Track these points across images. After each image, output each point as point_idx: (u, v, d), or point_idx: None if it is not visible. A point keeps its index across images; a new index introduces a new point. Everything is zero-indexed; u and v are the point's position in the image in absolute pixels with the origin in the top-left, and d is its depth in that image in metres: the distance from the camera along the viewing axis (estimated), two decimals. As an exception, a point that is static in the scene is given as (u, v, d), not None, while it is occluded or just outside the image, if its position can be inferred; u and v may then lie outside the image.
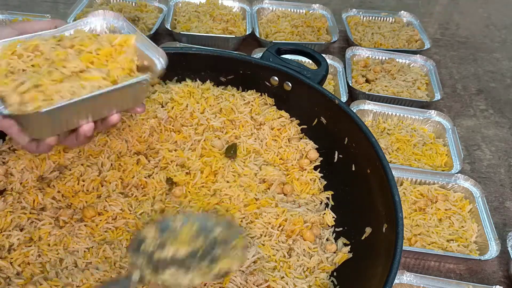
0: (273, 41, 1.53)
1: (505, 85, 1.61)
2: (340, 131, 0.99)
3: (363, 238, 0.86)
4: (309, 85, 1.02)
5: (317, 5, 1.75)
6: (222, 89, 1.13)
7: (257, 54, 1.45)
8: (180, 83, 1.12)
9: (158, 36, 1.59)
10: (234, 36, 1.52)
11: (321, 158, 1.03)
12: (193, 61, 1.11)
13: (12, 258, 0.79)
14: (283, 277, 0.83)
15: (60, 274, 0.78)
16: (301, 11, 1.74)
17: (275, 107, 1.10)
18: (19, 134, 0.72)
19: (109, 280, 0.78)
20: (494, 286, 0.93)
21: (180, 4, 1.67)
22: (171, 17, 1.58)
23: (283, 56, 1.09)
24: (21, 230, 0.83)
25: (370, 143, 0.89)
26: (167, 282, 0.72)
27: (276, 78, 1.07)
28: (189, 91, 1.09)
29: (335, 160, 1.00)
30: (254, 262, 0.84)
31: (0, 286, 0.76)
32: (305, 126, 1.07)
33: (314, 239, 0.90)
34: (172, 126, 1.03)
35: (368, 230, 0.86)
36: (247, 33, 1.54)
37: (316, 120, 1.05)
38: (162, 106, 1.06)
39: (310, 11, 1.73)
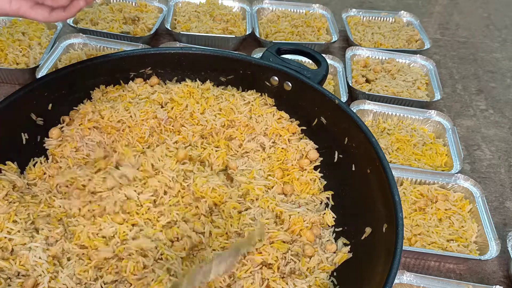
0: (273, 41, 1.53)
1: (505, 85, 1.61)
2: (340, 131, 0.98)
3: (363, 238, 0.86)
4: (309, 85, 1.02)
5: (317, 5, 1.75)
6: (222, 89, 1.13)
7: (257, 54, 1.45)
8: (180, 83, 1.12)
9: (158, 36, 1.59)
10: (234, 36, 1.52)
11: (321, 158, 1.03)
12: (193, 61, 1.11)
13: (13, 260, 0.79)
14: (283, 277, 0.83)
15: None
16: (301, 11, 1.73)
17: (275, 107, 1.10)
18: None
19: None
20: (494, 286, 0.93)
21: (180, 4, 1.67)
22: (171, 17, 1.58)
23: (283, 56, 1.09)
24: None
25: (370, 143, 0.89)
26: None
27: (276, 78, 1.07)
28: (189, 91, 1.09)
29: (335, 160, 1.00)
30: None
31: (0, 286, 0.76)
32: (304, 128, 1.07)
33: (314, 239, 0.90)
34: (172, 126, 1.03)
35: (368, 230, 0.86)
36: (247, 33, 1.54)
37: (316, 120, 1.05)
38: (162, 107, 1.06)
39: (310, 11, 1.73)
